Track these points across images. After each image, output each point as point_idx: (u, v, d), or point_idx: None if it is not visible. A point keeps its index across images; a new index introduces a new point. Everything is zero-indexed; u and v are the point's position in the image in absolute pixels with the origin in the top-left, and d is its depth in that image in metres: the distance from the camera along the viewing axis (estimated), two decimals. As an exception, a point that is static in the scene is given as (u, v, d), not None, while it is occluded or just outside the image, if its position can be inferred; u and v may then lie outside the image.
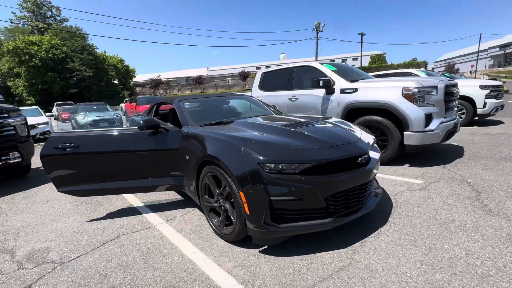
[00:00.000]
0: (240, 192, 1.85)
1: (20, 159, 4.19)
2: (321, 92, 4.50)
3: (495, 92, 7.03)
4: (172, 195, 3.34)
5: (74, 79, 36.14)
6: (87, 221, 2.76)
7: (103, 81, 37.89)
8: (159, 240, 2.28)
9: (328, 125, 2.51)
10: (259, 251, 1.99)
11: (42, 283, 1.82)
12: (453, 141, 5.28)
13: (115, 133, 2.68)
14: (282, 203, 1.81)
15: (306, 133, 2.17)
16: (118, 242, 2.30)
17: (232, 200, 2.02)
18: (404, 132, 3.63)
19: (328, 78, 4.38)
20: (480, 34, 38.92)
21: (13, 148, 4.11)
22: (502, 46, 56.65)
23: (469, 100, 7.02)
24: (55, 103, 24.29)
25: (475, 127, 6.84)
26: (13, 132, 4.16)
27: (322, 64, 4.77)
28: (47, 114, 10.25)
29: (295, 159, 1.82)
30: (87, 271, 1.91)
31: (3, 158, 3.97)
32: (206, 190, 2.35)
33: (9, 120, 4.12)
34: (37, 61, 30.29)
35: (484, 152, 4.28)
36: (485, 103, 6.79)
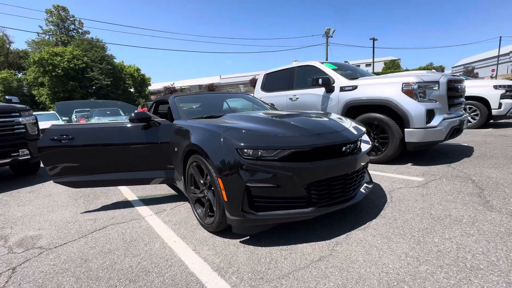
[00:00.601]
0: (218, 179, 1.83)
1: (29, 157, 4.38)
2: (321, 90, 4.45)
3: (511, 92, 6.68)
4: (167, 190, 3.37)
5: (94, 87, 37.88)
6: (81, 213, 2.82)
7: (120, 89, 39.45)
8: (144, 230, 2.29)
9: (316, 116, 2.46)
10: (240, 241, 1.95)
11: (26, 265, 1.86)
12: (464, 142, 5.03)
13: (109, 126, 2.76)
14: (260, 190, 1.78)
15: (291, 122, 2.14)
16: (105, 231, 2.33)
17: (213, 188, 2.01)
18: (405, 129, 3.50)
19: (327, 76, 4.33)
20: (500, 37, 37.41)
21: (22, 146, 4.31)
22: (526, 50, 54.04)
23: (483, 101, 6.70)
24: (75, 110, 25.45)
25: (490, 129, 6.50)
26: (24, 130, 4.37)
27: (322, 63, 4.73)
28: (64, 118, 10.73)
29: (274, 145, 1.78)
30: (70, 256, 1.94)
31: (13, 154, 4.16)
32: (192, 181, 2.35)
33: (20, 119, 4.35)
34: (59, 71, 32.05)
35: (495, 152, 4.04)
36: (500, 104, 6.45)
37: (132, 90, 44.11)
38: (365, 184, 2.29)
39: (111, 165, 2.73)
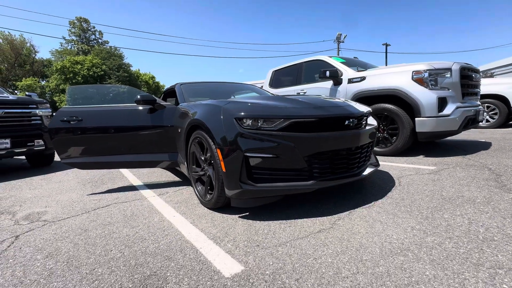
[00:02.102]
0: (217, 149, 1.82)
1: (44, 147, 4.54)
2: (329, 83, 4.40)
3: (533, 90, 6.34)
4: (171, 177, 3.38)
5: (111, 95, 39.25)
6: (87, 194, 2.87)
7: (135, 96, 40.75)
8: (145, 207, 2.29)
9: (322, 96, 2.41)
10: (239, 216, 1.91)
11: (29, 234, 1.89)
12: (481, 138, 4.79)
13: (116, 109, 2.82)
14: (259, 161, 1.74)
15: (294, 98, 2.11)
16: (108, 208, 2.34)
17: (213, 162, 1.99)
18: (416, 119, 3.38)
19: (335, 68, 4.28)
20: (522, 42, 35.88)
21: (38, 137, 4.48)
22: (550, 55, 51.65)
23: (502, 99, 6.40)
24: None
25: (510, 129, 6.17)
26: (40, 122, 4.56)
27: (330, 57, 4.69)
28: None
29: (272, 114, 1.75)
30: (71, 227, 1.96)
31: (28, 144, 4.34)
32: (193, 160, 2.34)
33: (37, 111, 4.54)
34: (79, 78, 33.59)
35: (516, 146, 3.81)
36: (521, 102, 6.14)
37: (146, 97, 45.44)
38: (370, 165, 2.20)
39: (117, 147, 2.78)
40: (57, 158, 5.49)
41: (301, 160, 1.74)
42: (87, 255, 1.51)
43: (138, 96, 2.69)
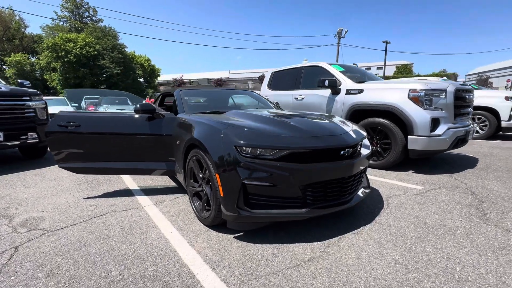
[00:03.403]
0: (216, 174, 1.87)
1: (37, 140, 4.50)
2: (327, 92, 4.44)
3: (523, 104, 6.53)
4: (167, 181, 3.43)
5: (104, 75, 38.31)
6: (83, 198, 2.90)
7: (130, 78, 39.84)
8: (142, 219, 2.35)
9: (318, 118, 2.47)
10: (234, 237, 1.99)
11: (28, 245, 1.94)
12: (469, 152, 4.97)
13: (115, 116, 2.82)
14: (256, 188, 1.81)
15: (291, 123, 2.16)
16: (105, 218, 2.40)
17: (211, 183, 2.05)
18: (409, 136, 3.48)
19: (334, 78, 4.31)
20: (519, 47, 36.26)
21: (31, 129, 4.42)
22: (544, 61, 52.46)
23: (493, 112, 6.58)
24: (84, 97, 25.89)
25: (498, 141, 6.39)
26: (33, 114, 4.49)
27: (330, 64, 4.71)
28: (73, 104, 10.92)
29: (273, 144, 1.81)
30: (69, 239, 2.02)
31: (22, 137, 4.29)
32: (191, 175, 2.39)
33: (31, 103, 4.46)
34: (72, 57, 32.49)
35: (500, 165, 3.99)
36: (510, 116, 6.33)
37: (141, 80, 44.51)
38: (362, 189, 2.30)
39: (114, 154, 2.80)
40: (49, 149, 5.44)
41: (297, 189, 1.81)
42: (88, 276, 1.57)
43: (138, 106, 2.69)
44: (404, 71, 50.62)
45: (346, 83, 4.23)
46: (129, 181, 3.45)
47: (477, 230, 2.03)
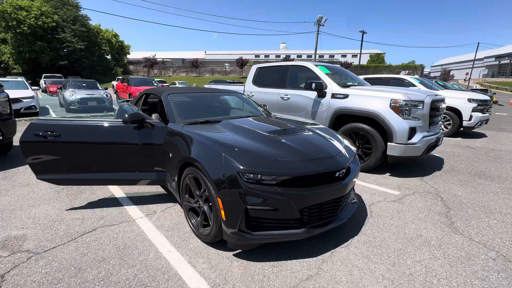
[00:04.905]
0: (218, 198, 1.89)
1: (0, 137, 4.08)
2: (313, 94, 4.52)
3: (482, 106, 7.23)
4: (155, 188, 3.36)
5: (65, 50, 34.78)
6: (66, 209, 2.76)
7: (95, 55, 36.63)
8: (137, 235, 2.32)
9: (312, 135, 2.55)
10: (233, 254, 2.07)
11: (16, 273, 1.84)
12: (436, 151, 5.45)
13: (99, 124, 2.65)
14: (258, 212, 1.87)
15: (289, 144, 2.21)
16: (95, 234, 2.32)
17: (210, 204, 2.07)
18: (388, 143, 3.73)
19: (320, 81, 4.39)
20: (478, 43, 39.31)
21: (-7, 126, 3.99)
22: (498, 57, 57.62)
23: (456, 112, 7.20)
24: (43, 75, 23.40)
25: (458, 138, 7.06)
26: (-6, 109, 4.02)
27: (317, 66, 4.76)
28: (34, 87, 9.86)
29: (274, 171, 1.86)
30: (62, 263, 1.94)
31: (-18, 135, 3.85)
32: (187, 190, 2.38)
33: (-10, 96, 3.98)
34: (25, 28, 28.87)
35: (462, 167, 4.46)
36: (471, 116, 6.98)
37: (109, 57, 41.14)
38: (350, 202, 2.47)
39: (100, 165, 2.66)
40: (16, 143, 4.97)
41: (296, 212, 1.91)
42: (91, 309, 1.56)
43: (126, 116, 2.55)
44: (376, 60, 52.51)
45: (332, 87, 4.33)
46: (114, 188, 3.31)
47: (447, 240, 2.31)
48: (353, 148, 2.59)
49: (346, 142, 2.64)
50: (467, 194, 3.32)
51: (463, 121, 7.09)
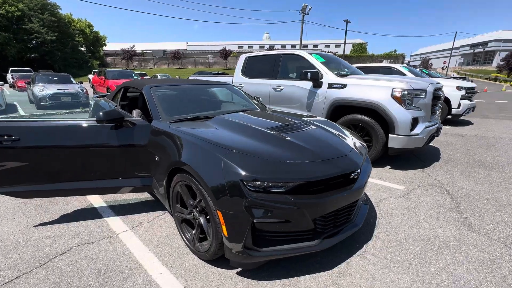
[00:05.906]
0: (218, 211, 1.58)
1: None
2: (308, 84, 4.24)
3: (470, 94, 7.28)
4: (139, 194, 2.99)
5: (34, 42, 32.34)
6: (34, 226, 2.35)
7: (68, 47, 34.34)
8: (120, 254, 1.97)
9: (318, 130, 2.27)
10: (237, 273, 1.78)
11: (-35, 317, 1.46)
12: (430, 141, 5.38)
13: (68, 124, 2.23)
14: (266, 226, 1.59)
15: (296, 142, 1.92)
16: (70, 256, 1.95)
17: (208, 216, 1.76)
18: (390, 135, 3.54)
19: (316, 70, 4.11)
20: (456, 32, 40.47)
21: None
22: (473, 46, 59.95)
23: (445, 100, 7.20)
24: (10, 69, 21.61)
25: (447, 127, 7.09)
26: None
27: (311, 54, 4.47)
28: (-1, 83, 8.92)
29: (284, 176, 1.57)
30: (26, 299, 1.58)
31: None
32: (178, 199, 2.05)
33: None
34: (-14, 18, 26.40)
35: (459, 156, 4.39)
36: (459, 104, 7.00)
37: (83, 49, 38.75)
38: (362, 203, 2.24)
39: (71, 173, 2.25)
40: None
41: (310, 222, 1.64)
42: None
43: (101, 114, 2.14)
44: (359, 50, 53.00)
45: (329, 76, 4.06)
46: (93, 197, 2.91)
47: (466, 240, 2.15)
48: (363, 145, 2.35)
49: (355, 138, 2.39)
50: (471, 185, 3.21)
51: (452, 109, 7.11)
